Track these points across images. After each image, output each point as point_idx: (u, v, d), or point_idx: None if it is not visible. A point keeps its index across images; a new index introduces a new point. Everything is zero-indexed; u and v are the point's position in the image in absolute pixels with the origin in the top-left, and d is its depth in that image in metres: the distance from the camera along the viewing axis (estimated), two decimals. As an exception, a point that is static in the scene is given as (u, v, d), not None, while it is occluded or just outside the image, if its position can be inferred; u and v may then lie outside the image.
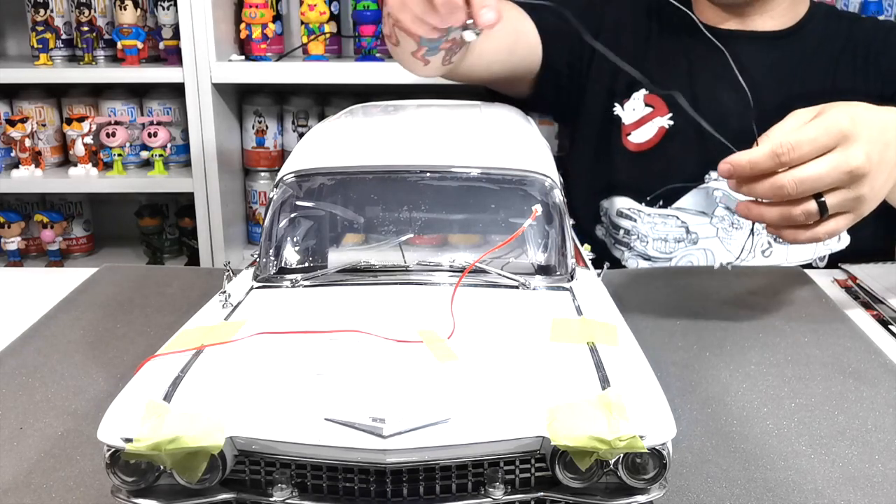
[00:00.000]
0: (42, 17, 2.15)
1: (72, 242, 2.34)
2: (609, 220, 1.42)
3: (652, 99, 1.39)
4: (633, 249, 1.40)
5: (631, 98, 1.41)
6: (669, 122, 1.38)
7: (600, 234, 1.45)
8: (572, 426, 0.55)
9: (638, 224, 1.39)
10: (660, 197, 1.38)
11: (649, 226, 1.37)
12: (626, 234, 1.41)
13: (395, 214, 0.84)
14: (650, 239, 1.39)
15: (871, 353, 0.94)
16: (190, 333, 0.69)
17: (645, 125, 1.39)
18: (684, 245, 1.38)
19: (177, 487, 0.57)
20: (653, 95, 1.39)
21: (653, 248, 1.38)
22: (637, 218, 1.37)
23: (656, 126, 1.38)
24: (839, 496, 0.69)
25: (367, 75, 2.00)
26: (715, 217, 1.35)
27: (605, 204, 1.44)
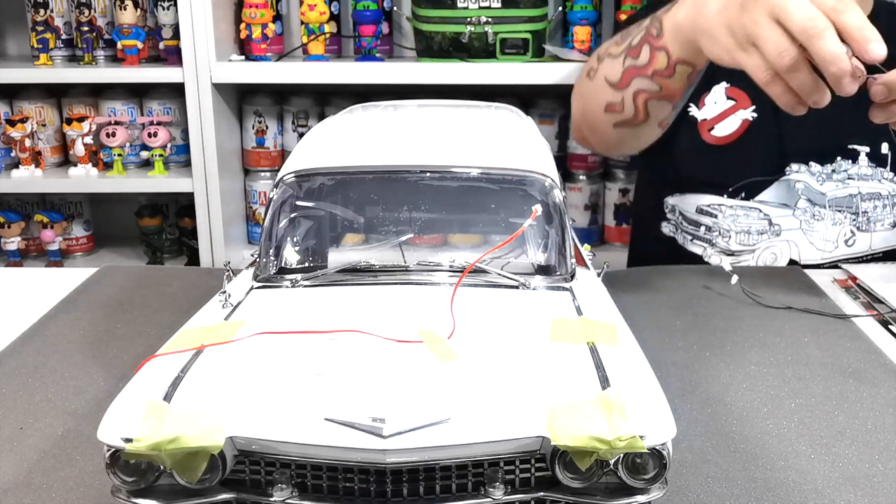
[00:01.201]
0: (42, 17, 2.15)
1: (72, 242, 2.34)
2: (682, 216, 1.41)
3: (734, 91, 1.37)
4: (715, 245, 1.39)
5: (711, 91, 1.38)
6: (753, 115, 1.36)
7: (667, 231, 1.44)
8: (572, 426, 0.55)
9: (720, 219, 1.37)
10: (741, 189, 1.37)
11: (731, 219, 1.36)
12: (707, 230, 1.39)
13: (395, 214, 0.84)
14: (732, 233, 1.37)
15: (871, 353, 0.94)
16: (190, 333, 0.69)
17: (728, 118, 1.37)
18: (767, 237, 1.37)
19: (177, 487, 0.57)
20: (734, 88, 1.37)
21: (735, 242, 1.37)
22: (718, 213, 1.36)
23: (739, 119, 1.36)
24: (839, 496, 0.69)
25: (367, 75, 2.00)
26: (797, 209, 1.35)
27: (671, 201, 1.42)
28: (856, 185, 1.34)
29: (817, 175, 1.35)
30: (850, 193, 1.34)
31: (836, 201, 1.35)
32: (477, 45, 1.96)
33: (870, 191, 1.35)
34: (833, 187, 1.35)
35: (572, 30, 2.05)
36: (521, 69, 1.95)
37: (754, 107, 1.37)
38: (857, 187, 1.34)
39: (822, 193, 1.34)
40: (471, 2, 1.94)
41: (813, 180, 1.35)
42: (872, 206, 1.35)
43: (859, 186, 1.34)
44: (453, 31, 1.95)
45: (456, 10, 1.95)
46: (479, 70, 1.96)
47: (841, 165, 1.35)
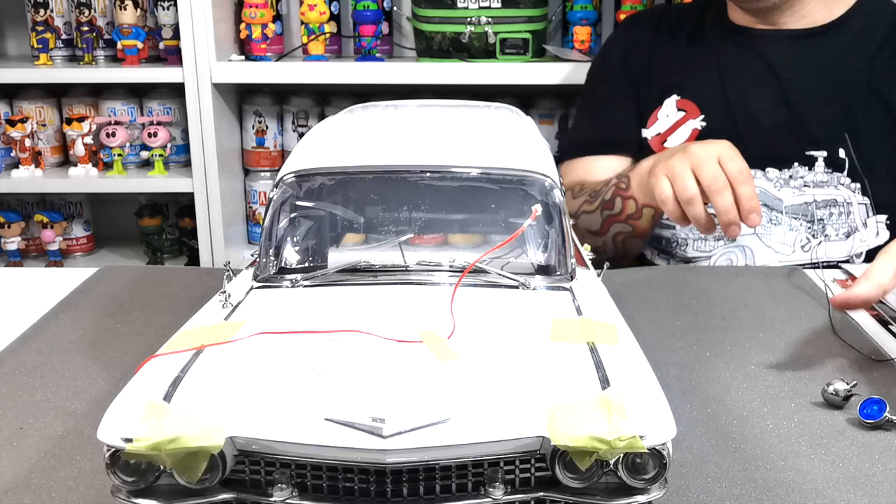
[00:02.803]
0: (42, 17, 2.15)
1: (72, 242, 2.34)
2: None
3: (683, 103, 1.42)
4: (675, 256, 1.41)
5: (663, 105, 1.44)
6: (702, 124, 1.40)
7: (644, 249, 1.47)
8: (572, 426, 0.55)
9: (677, 230, 1.40)
10: None
11: (688, 228, 1.38)
12: (666, 243, 1.43)
13: (395, 214, 0.84)
14: (690, 240, 1.40)
15: (871, 353, 0.94)
16: (190, 333, 0.69)
17: (679, 129, 1.41)
18: (723, 243, 1.39)
19: (177, 487, 0.57)
20: (684, 100, 1.42)
21: (693, 250, 1.39)
22: (675, 224, 1.38)
23: (689, 129, 1.41)
24: (839, 496, 0.69)
25: (367, 75, 2.00)
26: None
27: None
28: (811, 192, 1.36)
29: (775, 181, 1.37)
30: (805, 201, 1.36)
31: (792, 208, 1.36)
32: (477, 45, 1.96)
33: (825, 198, 1.36)
34: (790, 194, 1.36)
35: (572, 30, 2.05)
36: (521, 69, 1.95)
37: (703, 116, 1.41)
38: (812, 195, 1.36)
39: (779, 199, 1.36)
40: (471, 2, 1.94)
41: (770, 186, 1.37)
42: (828, 213, 1.36)
43: (815, 194, 1.36)
44: (453, 31, 1.96)
45: (456, 10, 1.95)
46: (479, 70, 1.96)
47: (798, 172, 1.36)
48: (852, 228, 1.36)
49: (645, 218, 1.33)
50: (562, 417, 0.56)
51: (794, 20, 1.41)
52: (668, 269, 1.30)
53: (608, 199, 1.35)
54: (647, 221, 1.33)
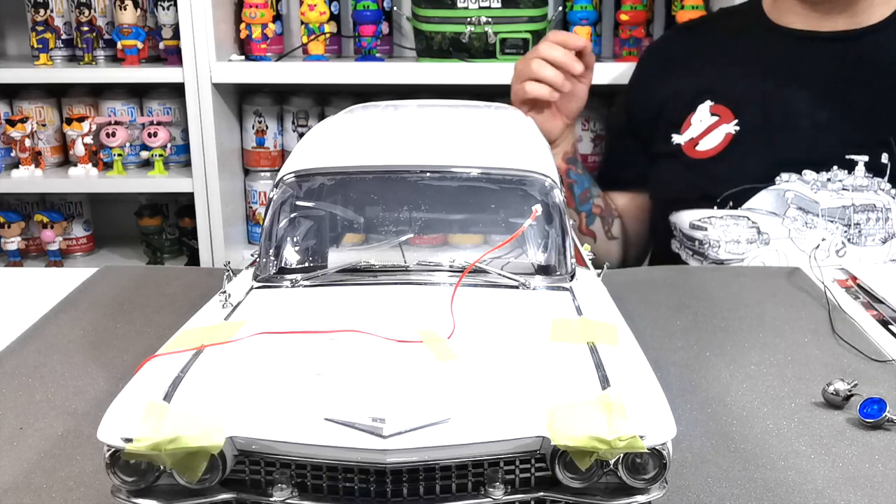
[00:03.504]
0: (42, 17, 2.15)
1: (72, 242, 2.34)
2: (682, 233, 1.45)
3: (717, 108, 1.42)
4: (707, 257, 1.41)
5: (696, 111, 1.44)
6: (736, 128, 1.40)
7: (675, 247, 1.48)
8: (572, 426, 0.55)
9: (710, 231, 1.41)
10: (729, 198, 1.39)
11: (721, 230, 1.39)
12: (699, 244, 1.43)
13: (395, 214, 0.84)
14: (722, 242, 1.40)
15: (871, 353, 0.94)
16: (190, 333, 0.69)
17: (712, 133, 1.42)
18: (756, 246, 1.39)
19: (177, 487, 0.57)
20: (718, 105, 1.42)
21: (725, 251, 1.39)
22: (708, 226, 1.40)
23: (723, 133, 1.41)
24: (839, 496, 0.69)
25: (367, 75, 2.00)
26: (787, 218, 1.37)
27: (672, 219, 1.46)
28: (850, 196, 1.36)
29: (811, 183, 1.36)
30: (843, 204, 1.36)
31: (829, 211, 1.36)
32: (477, 45, 1.96)
33: (864, 202, 1.36)
34: (828, 196, 1.36)
35: (572, 30, 2.05)
36: (521, 69, 1.95)
37: (737, 120, 1.41)
38: (850, 198, 1.36)
39: (815, 202, 1.36)
40: (471, 2, 1.94)
41: (807, 188, 1.36)
42: (865, 217, 1.36)
43: (853, 198, 1.36)
44: (453, 31, 1.95)
45: (456, 10, 1.95)
46: (479, 70, 1.95)
47: (837, 175, 1.36)
48: (889, 234, 1.36)
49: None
50: (562, 417, 0.56)
51: (844, 20, 1.39)
52: (668, 269, 1.30)
53: None
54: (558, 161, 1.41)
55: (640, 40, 2.04)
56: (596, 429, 0.55)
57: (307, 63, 2.05)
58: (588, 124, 2.15)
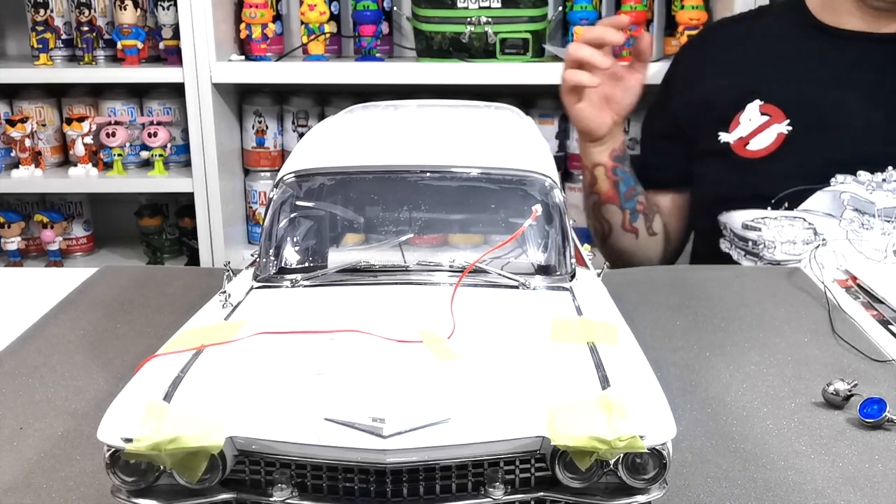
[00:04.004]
0: (42, 17, 2.15)
1: (72, 242, 2.34)
2: (733, 233, 1.44)
3: (767, 108, 1.41)
4: (762, 258, 1.41)
5: (745, 109, 1.43)
6: (788, 128, 1.39)
7: (724, 247, 1.47)
8: (572, 426, 0.55)
9: (764, 232, 1.40)
10: (784, 200, 1.38)
11: (776, 230, 1.38)
12: (754, 244, 1.42)
13: (395, 214, 0.84)
14: (778, 243, 1.39)
15: (871, 353, 0.94)
16: (190, 333, 0.69)
17: (763, 132, 1.41)
18: (813, 246, 1.38)
19: (177, 487, 0.57)
20: (768, 105, 1.41)
21: (781, 252, 1.39)
22: (762, 226, 1.39)
23: (775, 133, 1.40)
24: (839, 496, 0.69)
25: (367, 75, 2.00)
26: (843, 219, 1.36)
27: (722, 219, 1.45)
28: None
29: (867, 184, 1.35)
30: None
31: (885, 211, 1.35)
32: (477, 45, 1.96)
33: None
34: (884, 197, 1.35)
35: (572, 30, 2.05)
36: (521, 69, 1.95)
37: (789, 121, 1.39)
38: None
39: (871, 202, 1.35)
40: (471, 2, 1.94)
41: (862, 189, 1.35)
42: None
43: None
44: (453, 31, 1.95)
45: (456, 10, 1.95)
46: (479, 70, 1.95)
47: (892, 175, 1.35)
48: None
49: (600, 178, 1.44)
50: (562, 417, 0.56)
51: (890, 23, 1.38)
52: (668, 269, 1.30)
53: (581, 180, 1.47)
54: (604, 182, 1.43)
55: (640, 40, 2.04)
56: (596, 429, 0.55)
57: (307, 63, 2.05)
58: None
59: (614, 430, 0.55)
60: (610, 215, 1.48)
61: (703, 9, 1.99)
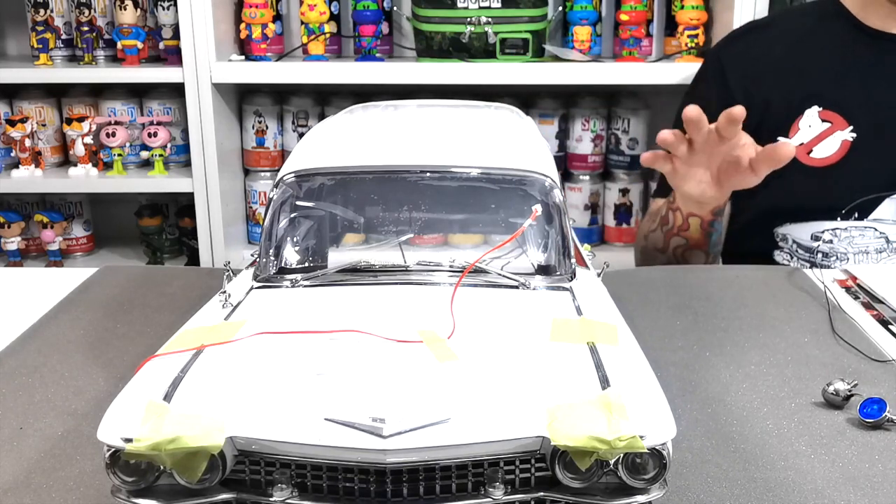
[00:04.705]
0: (42, 17, 2.15)
1: (72, 242, 2.34)
2: (796, 244, 1.41)
3: (827, 114, 1.39)
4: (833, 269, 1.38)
5: (804, 115, 1.40)
6: (852, 135, 1.37)
7: (781, 259, 1.43)
8: (572, 426, 0.55)
9: (836, 244, 1.37)
10: (854, 209, 1.36)
11: (847, 241, 1.36)
12: (824, 257, 1.39)
13: (395, 214, 0.84)
14: (850, 254, 1.37)
15: (871, 353, 0.94)
16: (190, 333, 0.69)
17: (826, 140, 1.38)
18: (886, 255, 1.37)
19: (177, 487, 0.58)
20: (827, 111, 1.39)
21: (854, 264, 1.36)
22: (833, 238, 1.36)
23: (839, 140, 1.38)
24: (839, 496, 0.69)
25: (367, 75, 2.00)
26: None
27: (781, 231, 1.42)
28: None
29: None
30: None
31: None
32: (477, 45, 1.96)
33: None
34: None
35: (572, 30, 2.05)
36: (521, 69, 1.95)
37: (851, 127, 1.37)
38: None
39: None
40: (471, 2, 1.94)
41: None
42: None
43: None
44: (453, 31, 1.95)
45: (456, 10, 1.95)
46: (479, 70, 1.95)
47: None
48: None
49: (693, 227, 1.33)
50: (562, 417, 0.56)
51: None
52: (668, 269, 1.30)
53: (664, 214, 1.37)
54: (697, 231, 1.33)
55: (640, 40, 2.04)
56: (596, 429, 0.55)
57: (307, 63, 2.05)
58: (588, 124, 2.15)
59: (614, 430, 0.55)
60: (692, 257, 1.39)
61: (703, 9, 1.99)
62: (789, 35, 1.50)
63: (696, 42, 1.99)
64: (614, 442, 0.54)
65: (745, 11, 1.87)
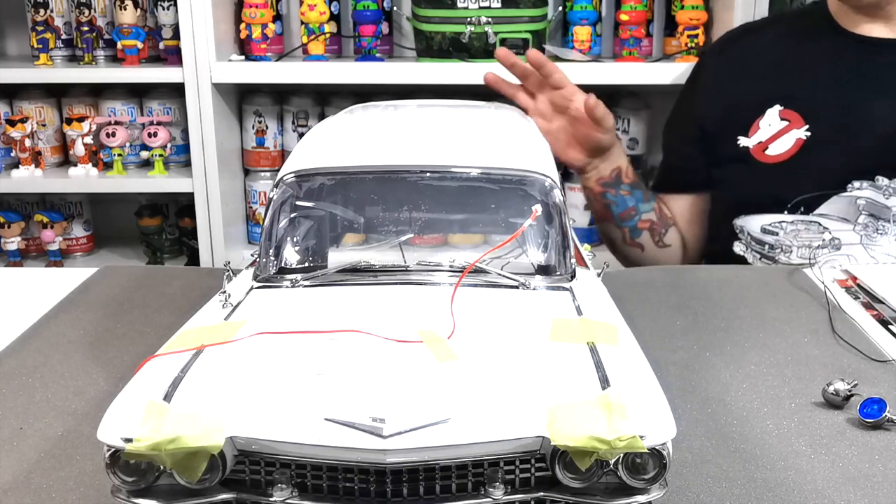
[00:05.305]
0: (42, 17, 2.15)
1: (72, 242, 2.34)
2: (750, 236, 1.45)
3: (787, 113, 1.42)
4: (778, 262, 1.42)
5: (765, 115, 1.44)
6: (807, 134, 1.40)
7: (739, 250, 1.48)
8: (572, 426, 0.55)
9: (781, 236, 1.41)
10: (800, 204, 1.39)
11: (792, 234, 1.40)
12: (770, 248, 1.43)
13: (395, 214, 0.84)
14: (794, 247, 1.41)
15: (871, 353, 0.94)
16: (190, 333, 0.69)
17: (781, 137, 1.42)
18: (828, 251, 1.39)
19: (177, 487, 0.57)
20: (787, 110, 1.42)
21: (796, 257, 1.40)
22: (780, 230, 1.41)
23: (793, 138, 1.41)
24: (839, 496, 0.69)
25: (367, 75, 2.00)
26: (858, 224, 1.37)
27: (738, 222, 1.46)
28: None
29: (884, 189, 1.36)
30: None
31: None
32: (477, 45, 1.96)
33: None
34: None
35: (572, 30, 2.05)
36: (521, 69, 1.94)
37: (808, 126, 1.40)
38: None
39: (887, 207, 1.36)
40: (471, 2, 1.94)
41: (878, 195, 1.36)
42: None
43: None
44: (453, 31, 1.95)
45: (456, 10, 1.95)
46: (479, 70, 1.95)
47: None
48: None
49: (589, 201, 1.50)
50: (562, 417, 0.56)
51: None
52: (668, 269, 1.30)
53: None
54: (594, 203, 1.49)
55: (640, 40, 2.04)
56: (596, 429, 0.55)
57: (307, 63, 2.05)
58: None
59: (614, 430, 0.55)
60: (608, 231, 1.51)
61: (702, 9, 1.99)
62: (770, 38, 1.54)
63: (696, 42, 1.99)
64: (614, 442, 0.54)
65: (745, 11, 1.87)
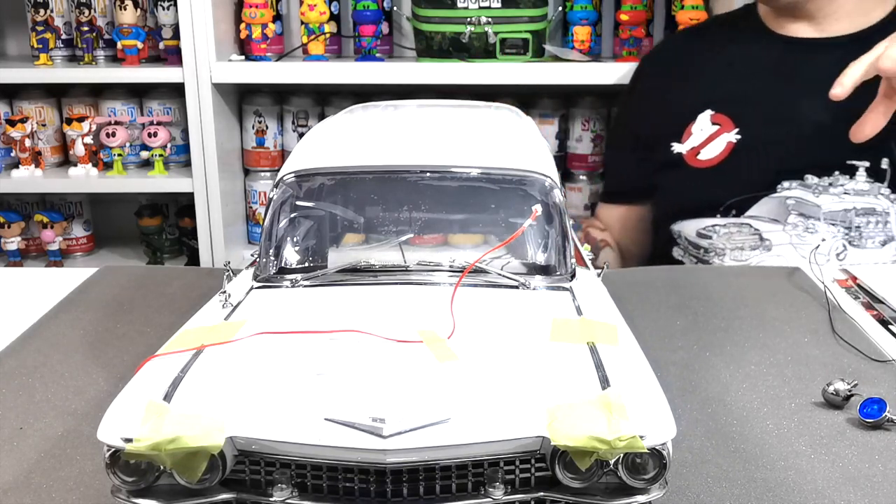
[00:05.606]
0: (42, 17, 2.15)
1: (72, 242, 2.34)
2: (687, 241, 1.47)
3: (718, 118, 1.44)
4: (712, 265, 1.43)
5: (696, 120, 1.46)
6: (737, 137, 1.42)
7: (677, 255, 1.50)
8: (572, 426, 0.55)
9: (714, 240, 1.43)
10: (732, 206, 1.41)
11: (725, 237, 1.42)
12: (705, 252, 1.46)
13: (395, 214, 0.84)
14: (727, 250, 1.43)
15: (871, 353, 0.94)
16: (190, 333, 0.69)
17: (713, 142, 1.44)
18: (759, 252, 1.41)
19: (177, 487, 0.57)
20: (718, 114, 1.44)
21: (730, 259, 1.42)
22: (713, 234, 1.43)
23: (724, 142, 1.43)
24: (839, 496, 0.69)
25: (367, 75, 2.00)
26: (788, 224, 1.39)
27: (676, 227, 1.48)
28: (851, 199, 1.37)
29: (813, 187, 1.38)
30: (844, 208, 1.37)
31: (830, 214, 1.37)
32: (477, 45, 1.96)
33: (865, 206, 1.38)
34: (829, 200, 1.37)
35: (572, 30, 2.05)
36: (521, 69, 1.95)
37: (738, 129, 1.43)
38: (852, 202, 1.37)
39: (817, 206, 1.37)
40: (471, 2, 1.94)
41: (808, 193, 1.38)
42: (865, 221, 1.38)
43: (854, 202, 1.37)
44: (453, 31, 1.96)
45: (456, 10, 1.95)
46: (479, 70, 1.95)
47: (838, 179, 1.37)
48: (888, 237, 1.38)
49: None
50: (562, 417, 0.56)
51: (829, 24, 1.40)
52: (668, 269, 1.30)
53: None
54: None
55: (640, 40, 2.04)
56: (596, 429, 0.55)
57: (307, 63, 2.05)
58: (588, 124, 2.15)
59: (614, 430, 0.55)
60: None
61: (702, 9, 1.99)
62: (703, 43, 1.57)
63: (696, 42, 1.99)
64: (614, 442, 0.54)
65: (745, 11, 1.87)
